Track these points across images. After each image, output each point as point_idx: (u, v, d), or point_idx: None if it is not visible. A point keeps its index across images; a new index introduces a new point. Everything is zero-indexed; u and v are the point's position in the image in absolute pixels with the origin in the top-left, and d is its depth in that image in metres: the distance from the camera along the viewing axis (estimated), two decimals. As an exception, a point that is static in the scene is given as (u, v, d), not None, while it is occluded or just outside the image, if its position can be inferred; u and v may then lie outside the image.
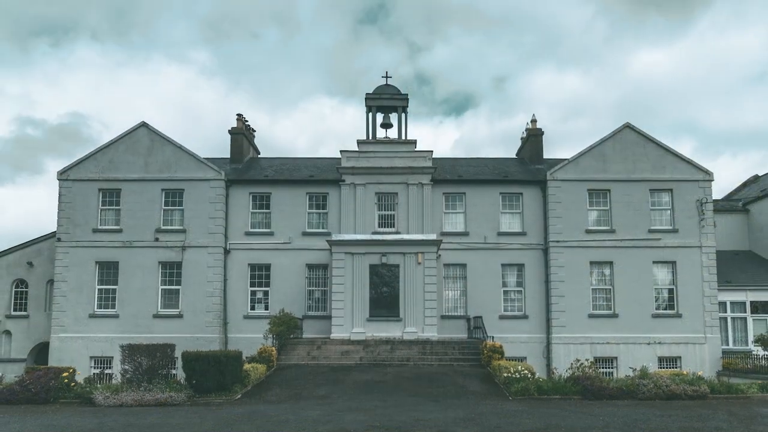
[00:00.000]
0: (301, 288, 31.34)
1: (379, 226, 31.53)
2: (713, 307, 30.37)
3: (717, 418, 15.10)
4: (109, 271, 30.94)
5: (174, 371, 21.25)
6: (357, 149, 32.20)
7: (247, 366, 21.87)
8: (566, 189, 31.27)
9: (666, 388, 18.92)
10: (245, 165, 35.24)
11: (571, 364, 22.17)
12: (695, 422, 14.44)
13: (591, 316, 30.52)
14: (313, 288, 31.63)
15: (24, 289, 32.05)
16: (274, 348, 25.55)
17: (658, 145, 31.66)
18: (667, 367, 28.96)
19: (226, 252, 31.35)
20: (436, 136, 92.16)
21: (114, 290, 30.81)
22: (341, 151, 32.02)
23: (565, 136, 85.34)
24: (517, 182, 32.26)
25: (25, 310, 31.81)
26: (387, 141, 32.68)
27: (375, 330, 28.25)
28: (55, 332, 30.24)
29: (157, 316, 30.53)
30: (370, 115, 32.91)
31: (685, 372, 23.86)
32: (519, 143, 38.10)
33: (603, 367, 28.80)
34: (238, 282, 31.35)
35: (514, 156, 37.93)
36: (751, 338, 30.61)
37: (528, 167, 34.71)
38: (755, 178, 41.07)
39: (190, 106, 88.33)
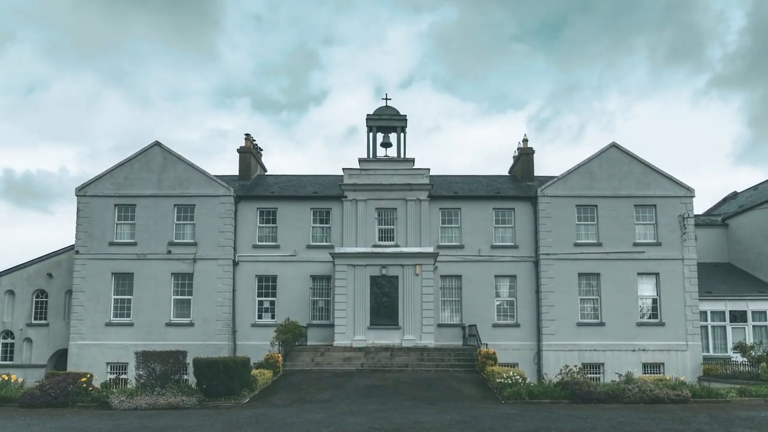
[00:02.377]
0: (305, 298, 31.41)
1: (379, 240, 31.63)
2: (694, 316, 30.43)
3: (698, 420, 15.11)
4: (124, 281, 31.03)
5: (186, 376, 21.20)
6: (358, 167, 32.37)
7: (254, 371, 21.93)
8: (556, 204, 31.42)
9: (650, 392, 18.92)
10: (253, 182, 35.39)
11: (561, 369, 22.28)
12: (678, 425, 14.46)
13: (579, 324, 30.57)
14: (317, 298, 31.69)
15: (44, 299, 32.12)
16: (280, 354, 25.57)
17: (642, 163, 31.83)
18: (650, 373, 28.91)
19: (235, 264, 31.43)
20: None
21: (129, 300, 30.89)
22: (344, 169, 32.19)
23: None
24: (509, 198, 32.40)
25: (45, 319, 31.87)
26: (387, 159, 32.85)
27: (375, 337, 28.33)
28: (73, 339, 30.30)
29: (169, 324, 30.59)
30: (371, 134, 33.10)
31: (668, 377, 23.92)
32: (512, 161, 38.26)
33: (590, 373, 28.71)
34: (246, 292, 31.42)
35: (507, 174, 38.05)
36: (730, 345, 30.71)
37: (520, 184, 34.85)
38: (734, 195, 41.21)
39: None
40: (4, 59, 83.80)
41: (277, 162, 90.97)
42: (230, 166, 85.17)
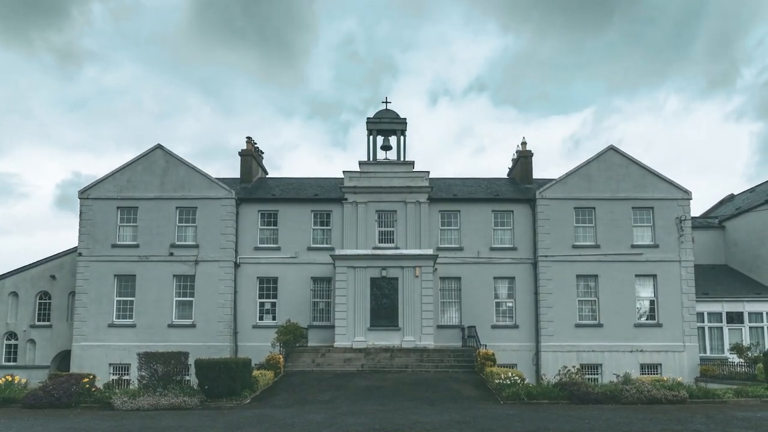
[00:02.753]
0: (306, 299, 31.42)
1: (379, 242, 31.66)
2: (691, 318, 30.44)
3: (695, 421, 15.13)
4: (126, 283, 31.05)
5: (187, 377, 21.24)
6: (359, 170, 32.40)
7: (255, 372, 21.94)
8: (554, 207, 31.43)
9: (647, 393, 18.95)
10: (254, 184, 35.42)
11: (559, 370, 22.28)
12: (675, 425, 14.48)
13: (577, 325, 30.58)
14: (318, 299, 31.70)
15: (47, 301, 32.15)
16: (281, 356, 25.59)
17: (640, 166, 31.86)
18: (648, 374, 28.94)
19: (237, 266, 31.46)
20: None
21: (131, 301, 30.90)
22: (344, 172, 32.22)
23: None
24: (508, 201, 32.43)
25: (49, 320, 31.90)
26: (387, 162, 32.87)
27: (375, 339, 28.32)
28: (76, 341, 30.32)
29: (171, 325, 30.61)
30: (371, 137, 33.12)
31: (665, 378, 23.97)
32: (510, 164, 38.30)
33: (588, 374, 28.76)
34: (247, 294, 31.44)
35: (506, 176, 38.09)
36: (726, 346, 30.69)
37: (518, 187, 34.88)
38: (731, 197, 41.24)
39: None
40: (102, 72, 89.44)
41: (326, 167, 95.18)
42: (232, 170, 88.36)
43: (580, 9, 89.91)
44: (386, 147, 33.33)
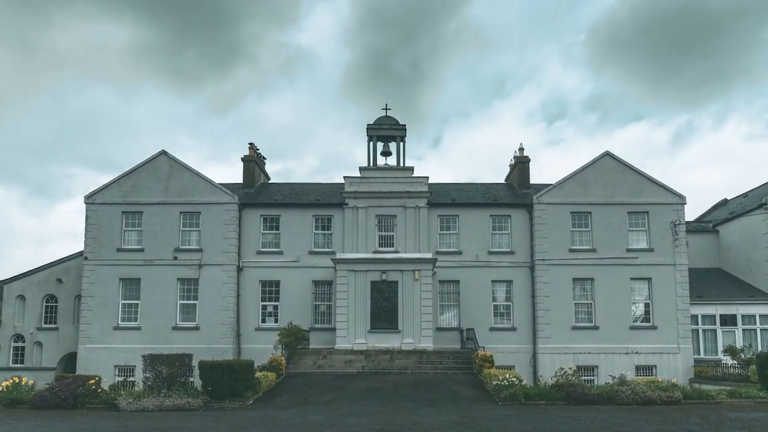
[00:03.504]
0: (308, 302, 31.44)
1: (379, 246, 31.69)
2: (686, 320, 30.44)
3: (690, 421, 15.15)
4: (131, 287, 31.07)
5: (191, 379, 21.24)
6: (359, 175, 32.46)
7: (258, 374, 21.97)
8: (551, 212, 31.47)
9: (643, 394, 18.96)
10: (257, 190, 35.47)
11: (556, 372, 22.28)
12: (670, 426, 14.50)
13: (574, 328, 30.58)
14: (319, 302, 31.72)
15: (54, 304, 32.16)
16: (283, 358, 25.62)
17: (635, 171, 31.89)
18: (643, 375, 28.95)
19: (239, 269, 31.49)
20: None
21: (136, 305, 30.92)
22: (345, 177, 32.28)
23: None
24: (506, 205, 32.47)
25: (55, 323, 31.90)
26: (386, 168, 32.93)
27: (375, 341, 28.35)
28: (82, 343, 30.33)
29: (175, 328, 30.62)
30: (371, 143, 33.20)
31: (660, 379, 23.98)
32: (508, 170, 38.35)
33: (585, 375, 28.77)
34: (250, 297, 31.46)
35: (503, 181, 38.13)
36: (720, 348, 30.69)
37: (516, 192, 34.93)
38: (724, 202, 41.30)
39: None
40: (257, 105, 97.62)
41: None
42: (234, 175, 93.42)
43: (658, 55, 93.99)
44: (386, 153, 33.40)
